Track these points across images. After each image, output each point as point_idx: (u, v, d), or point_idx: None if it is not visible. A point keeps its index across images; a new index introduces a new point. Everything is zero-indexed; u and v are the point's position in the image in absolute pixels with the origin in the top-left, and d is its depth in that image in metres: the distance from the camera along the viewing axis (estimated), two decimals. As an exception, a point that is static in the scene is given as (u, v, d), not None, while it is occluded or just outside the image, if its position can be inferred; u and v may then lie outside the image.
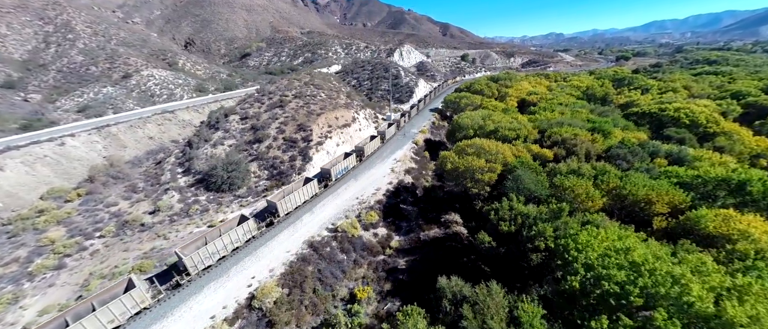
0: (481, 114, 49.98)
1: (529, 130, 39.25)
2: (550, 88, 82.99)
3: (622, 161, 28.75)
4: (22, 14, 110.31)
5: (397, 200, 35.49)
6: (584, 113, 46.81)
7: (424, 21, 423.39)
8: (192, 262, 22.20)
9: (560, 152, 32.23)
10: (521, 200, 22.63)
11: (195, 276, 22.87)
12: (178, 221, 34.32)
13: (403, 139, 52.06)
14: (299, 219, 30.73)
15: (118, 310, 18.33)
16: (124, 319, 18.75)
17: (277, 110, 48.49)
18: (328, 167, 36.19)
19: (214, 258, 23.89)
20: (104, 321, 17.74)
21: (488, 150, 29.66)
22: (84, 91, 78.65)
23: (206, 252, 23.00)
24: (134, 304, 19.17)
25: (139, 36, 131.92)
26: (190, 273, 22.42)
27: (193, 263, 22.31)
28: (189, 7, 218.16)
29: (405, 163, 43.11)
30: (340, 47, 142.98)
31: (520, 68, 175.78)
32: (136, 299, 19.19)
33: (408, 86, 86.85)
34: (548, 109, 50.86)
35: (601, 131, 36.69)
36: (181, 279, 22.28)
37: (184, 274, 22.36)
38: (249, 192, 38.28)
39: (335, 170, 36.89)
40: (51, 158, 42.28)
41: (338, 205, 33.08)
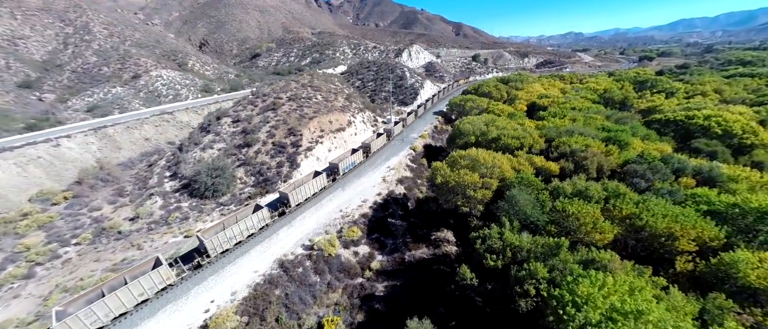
0: (484, 119, 46.18)
1: (534, 138, 35.30)
2: (564, 91, 77.41)
3: (640, 179, 24.60)
4: (46, 16, 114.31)
5: (385, 213, 32.53)
6: (599, 120, 42.17)
7: (437, 21, 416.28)
8: (212, 245, 24.02)
9: (568, 166, 28.28)
10: (515, 227, 19.23)
11: (214, 258, 24.61)
12: (156, 229, 32.76)
13: (401, 144, 48.93)
14: (275, 233, 28.34)
15: (148, 285, 20.18)
16: (152, 293, 20.58)
17: (270, 113, 46.49)
18: (337, 161, 37.17)
19: (232, 243, 25.61)
20: (135, 293, 19.62)
21: (483, 163, 26.20)
22: (94, 91, 79.90)
23: (224, 236, 24.78)
24: (161, 280, 20.95)
25: (153, 37, 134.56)
26: (210, 255, 24.21)
27: (213, 246, 24.14)
28: (205, 8, 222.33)
29: (399, 171, 40.05)
30: (347, 48, 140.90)
31: (534, 69, 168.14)
32: (162, 276, 20.97)
33: (413, 88, 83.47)
34: (559, 114, 46.40)
35: (617, 142, 32.34)
36: (202, 260, 24.16)
37: (205, 256, 24.23)
38: (233, 199, 36.34)
39: (343, 164, 37.81)
40: (44, 160, 41.92)
41: (320, 218, 30.49)
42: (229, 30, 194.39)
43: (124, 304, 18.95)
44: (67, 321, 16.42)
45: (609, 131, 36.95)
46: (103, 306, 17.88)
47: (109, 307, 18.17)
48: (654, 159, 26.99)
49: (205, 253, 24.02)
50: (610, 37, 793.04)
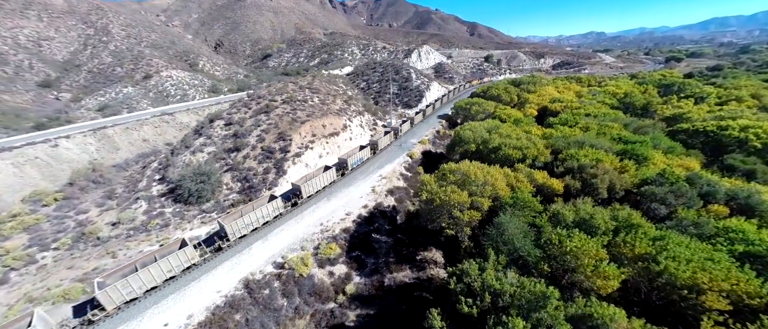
0: (487, 126, 42.61)
1: (539, 149, 31.58)
2: (580, 94, 71.97)
3: (659, 204, 20.74)
4: (70, 19, 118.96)
5: (370, 228, 29.87)
6: (615, 129, 37.69)
7: (451, 21, 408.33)
8: (232, 230, 25.66)
9: (574, 184, 24.60)
10: (502, 261, 16.12)
11: (233, 242, 26.22)
12: (135, 236, 31.54)
13: (398, 150, 46.10)
14: (248, 248, 26.29)
15: (175, 263, 22.08)
16: (179, 271, 22.52)
17: (262, 117, 44.83)
18: (346, 156, 37.46)
19: (249, 229, 27.19)
20: (164, 269, 21.47)
21: (474, 179, 23.02)
22: (107, 90, 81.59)
23: (242, 222, 26.37)
24: (186, 259, 22.78)
25: (169, 38, 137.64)
26: (230, 240, 25.82)
27: (232, 231, 25.77)
28: (222, 10, 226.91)
29: (391, 181, 37.24)
30: (356, 48, 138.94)
31: (550, 71, 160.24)
32: (188, 255, 22.85)
33: (418, 90, 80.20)
34: (570, 121, 42.12)
35: (635, 156, 28.21)
36: (223, 243, 25.68)
37: (225, 240, 25.81)
38: (216, 206, 34.73)
39: (352, 159, 37.94)
40: (41, 160, 42.01)
41: (297, 233, 28.19)
42: (244, 31, 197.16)
43: (154, 278, 21.04)
44: (108, 290, 18.71)
45: (626, 143, 32.65)
46: (137, 279, 20.08)
47: (142, 280, 20.32)
48: (677, 179, 22.92)
49: (226, 237, 25.80)
50: (635, 37, 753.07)
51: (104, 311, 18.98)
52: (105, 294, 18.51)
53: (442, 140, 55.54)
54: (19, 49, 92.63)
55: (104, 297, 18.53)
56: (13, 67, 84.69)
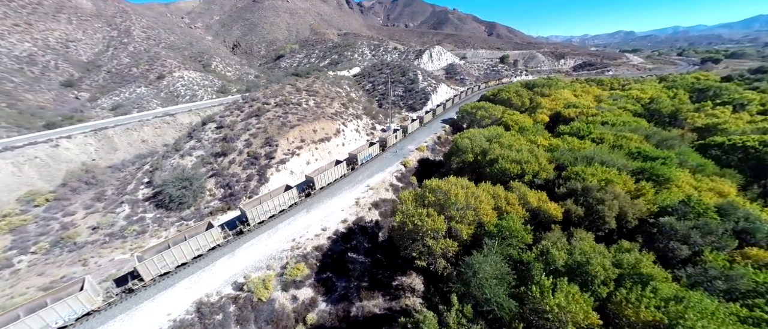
0: (487, 134, 38.82)
1: (541, 164, 27.67)
2: (600, 99, 65.87)
3: (679, 243, 16.70)
4: (96, 21, 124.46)
5: (347, 246, 27.24)
6: (634, 141, 32.85)
7: (469, 20, 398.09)
8: (252, 215, 27.48)
9: (576, 210, 20.75)
10: (467, 312, 12.99)
11: (254, 227, 28.06)
12: (111, 242, 30.63)
13: (393, 158, 43.18)
14: (211, 264, 24.40)
15: (202, 242, 24.47)
16: (205, 250, 24.87)
17: (253, 120, 43.31)
18: (355, 152, 38.99)
19: (267, 215, 28.80)
20: (193, 247, 24.04)
21: (455, 201, 19.80)
22: (122, 90, 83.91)
23: (262, 209, 28.13)
24: (212, 240, 25.03)
25: (187, 39, 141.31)
26: (250, 224, 27.55)
27: (253, 216, 27.57)
28: (241, 12, 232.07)
29: (378, 192, 34.44)
30: (367, 49, 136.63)
31: (570, 72, 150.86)
32: (213, 236, 25.07)
33: (423, 92, 76.65)
34: (581, 131, 37.50)
35: (654, 177, 23.82)
36: (244, 227, 27.57)
37: (246, 224, 27.57)
38: (195, 214, 33.32)
39: (361, 155, 39.41)
40: (41, 160, 42.55)
41: (266, 249, 25.99)
42: (260, 32, 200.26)
43: (184, 255, 23.47)
44: (146, 263, 21.53)
45: (645, 159, 28.05)
46: (170, 255, 22.66)
47: (175, 256, 22.89)
48: (706, 209, 18.61)
49: (246, 222, 27.37)
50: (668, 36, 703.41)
51: (142, 281, 21.80)
52: (143, 266, 21.42)
53: (443, 146, 51.96)
54: (47, 50, 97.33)
55: (143, 269, 21.42)
56: (40, 68, 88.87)
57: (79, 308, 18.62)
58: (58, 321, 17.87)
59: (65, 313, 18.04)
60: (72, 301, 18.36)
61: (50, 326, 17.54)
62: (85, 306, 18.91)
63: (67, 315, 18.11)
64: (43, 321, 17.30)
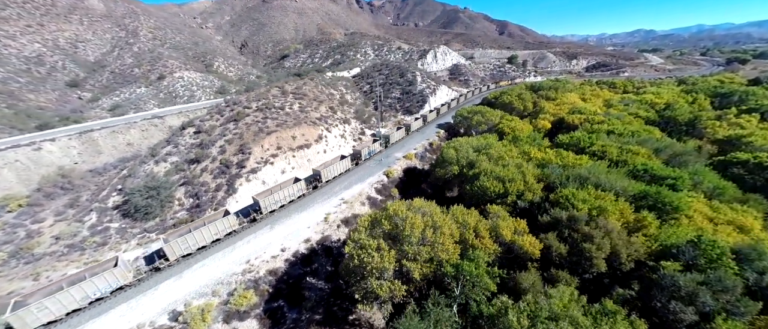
0: (476, 143, 35.24)
1: (528, 183, 24.06)
2: (610, 103, 60.65)
3: (683, 303, 13.03)
4: (106, 22, 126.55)
5: (306, 270, 24.52)
6: (641, 155, 28.59)
7: (480, 19, 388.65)
8: (265, 204, 28.71)
9: (558, 247, 17.26)
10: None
11: (266, 215, 29.30)
12: (69, 254, 28.99)
13: (376, 167, 40.17)
14: (154, 288, 22.17)
15: (220, 227, 25.84)
16: (223, 235, 26.20)
17: (231, 125, 41.21)
18: (359, 148, 40.34)
19: (277, 205, 29.85)
20: (213, 231, 25.36)
21: (410, 232, 16.68)
22: (122, 91, 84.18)
23: (273, 199, 29.26)
24: (229, 226, 26.47)
25: (193, 40, 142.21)
26: (263, 212, 28.82)
27: (265, 205, 28.78)
28: (251, 12, 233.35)
29: (352, 207, 31.56)
30: (370, 49, 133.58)
31: (582, 73, 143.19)
32: (230, 223, 26.44)
33: (421, 94, 73.08)
34: (581, 142, 33.40)
35: (659, 206, 19.93)
36: (257, 215, 28.86)
37: (259, 212, 28.83)
38: (159, 225, 31.36)
39: (365, 151, 40.35)
40: (21, 164, 41.84)
41: (217, 272, 23.52)
42: (268, 32, 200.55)
43: (204, 239, 24.96)
44: (171, 244, 23.28)
45: (652, 179, 24.01)
46: (192, 237, 24.30)
47: (196, 239, 24.51)
48: (721, 254, 14.80)
49: (259, 210, 28.66)
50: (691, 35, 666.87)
51: (167, 261, 23.56)
52: (169, 247, 23.22)
53: (434, 153, 48.50)
54: (56, 50, 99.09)
55: (168, 249, 23.25)
56: (47, 68, 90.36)
57: (114, 282, 21.05)
58: (96, 293, 20.40)
59: (102, 286, 20.57)
60: (108, 276, 20.83)
61: (90, 296, 20.14)
62: (119, 280, 21.30)
63: (103, 287, 20.63)
64: (84, 291, 19.86)
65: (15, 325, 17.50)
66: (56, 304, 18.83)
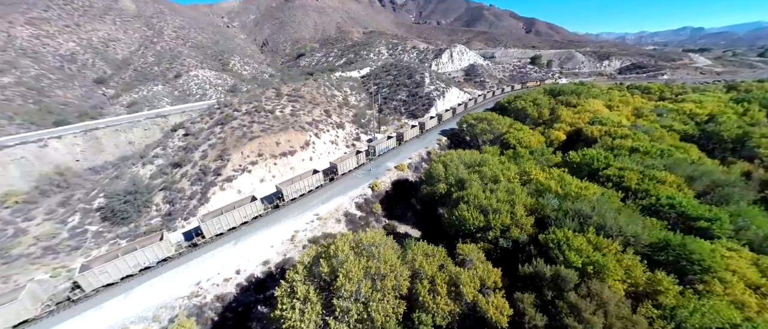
0: (469, 159, 31.03)
1: (517, 215, 19.84)
2: (640, 112, 53.06)
3: None
4: (136, 22, 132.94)
5: (258, 297, 22.03)
6: (668, 183, 23.11)
7: (506, 17, 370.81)
8: (287, 192, 30.48)
9: (534, 317, 13.22)
10: None
11: (288, 202, 30.90)
12: (43, 257, 28.71)
13: (363, 177, 37.04)
14: (98, 306, 20.62)
15: (249, 211, 27.80)
16: (250, 218, 28.11)
17: (217, 128, 39.87)
18: (374, 144, 41.27)
19: (298, 193, 31.52)
20: (242, 215, 27.22)
21: (343, 284, 13.44)
22: (141, 88, 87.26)
23: (295, 188, 31.02)
24: (256, 210, 28.45)
25: (214, 38, 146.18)
26: (285, 199, 30.51)
27: (288, 193, 30.54)
28: (273, 11, 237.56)
29: (325, 224, 28.73)
30: (384, 48, 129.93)
31: (613, 75, 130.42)
32: (256, 208, 28.39)
33: (428, 97, 68.71)
34: (595, 162, 28.18)
35: (683, 261, 15.14)
36: (280, 202, 30.56)
37: (281, 199, 30.49)
38: (131, 232, 30.43)
39: (379, 147, 41.58)
40: (27, 160, 43.20)
41: (164, 293, 21.61)
42: (288, 31, 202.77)
43: (235, 220, 26.87)
44: (207, 224, 25.34)
45: (677, 218, 18.90)
46: (226, 218, 26.26)
47: (229, 221, 26.46)
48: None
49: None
50: (747, 33, 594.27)
51: (204, 238, 25.51)
52: (205, 226, 25.14)
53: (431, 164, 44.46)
54: (89, 49, 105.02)
55: (204, 228, 25.16)
56: (78, 65, 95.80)
57: (160, 253, 23.25)
58: (145, 262, 22.68)
59: (150, 256, 22.80)
60: (155, 248, 22.98)
61: (140, 264, 22.52)
62: (163, 252, 23.51)
63: (151, 258, 22.87)
64: (136, 260, 22.21)
65: (82, 283, 20.53)
66: (114, 269, 21.45)
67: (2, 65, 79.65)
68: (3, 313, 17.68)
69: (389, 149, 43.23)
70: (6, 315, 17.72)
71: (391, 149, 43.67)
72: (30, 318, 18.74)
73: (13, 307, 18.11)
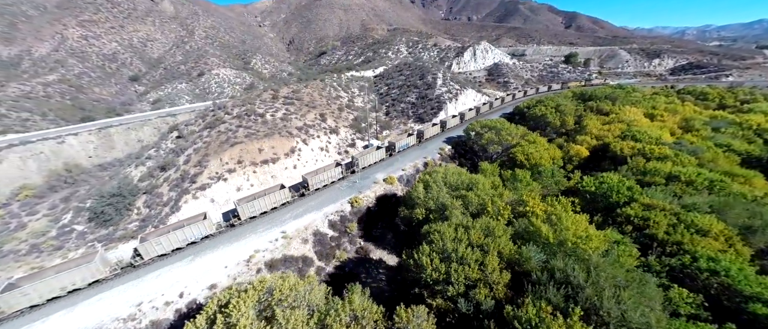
0: (455, 180, 26.45)
1: (486, 270, 15.37)
2: (690, 125, 43.71)
3: None
4: (173, 22, 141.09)
5: None
6: (711, 237, 17.06)
7: (543, 11, 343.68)
8: (312, 182, 32.20)
9: None
10: None
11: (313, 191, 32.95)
12: (27, 255, 29.37)
13: (344, 191, 33.82)
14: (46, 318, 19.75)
15: (278, 198, 30.03)
16: (279, 204, 30.33)
17: (205, 132, 38.94)
18: (394, 141, 42.42)
19: (322, 184, 33.47)
20: (270, 202, 29.42)
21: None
22: (166, 86, 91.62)
23: (319, 179, 32.89)
24: (284, 198, 30.52)
25: (241, 38, 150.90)
26: (310, 189, 32.36)
27: (313, 183, 32.30)
28: (302, 10, 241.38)
29: (289, 245, 26.02)
30: (404, 46, 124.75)
31: (664, 76, 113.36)
32: (284, 195, 30.51)
33: (438, 100, 63.44)
34: (613, 194, 22.29)
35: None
36: (306, 191, 32.33)
37: (306, 189, 32.29)
38: (108, 236, 30.20)
39: (399, 144, 42.59)
40: (45, 155, 45.96)
41: (105, 312, 20.20)
42: (313, 29, 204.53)
43: (266, 206, 28.87)
44: (243, 207, 27.53)
45: (721, 291, 13.28)
46: (256, 204, 28.12)
47: (259, 206, 28.37)
48: None
49: (307, 187, 32.08)
50: None
51: (239, 220, 27.66)
52: (241, 208, 27.40)
53: (427, 177, 39.95)
54: (129, 48, 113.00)
55: (241, 210, 27.43)
56: (118, 64, 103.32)
57: (204, 231, 25.62)
58: (191, 238, 25.13)
59: (196, 232, 25.27)
60: (200, 226, 25.39)
61: (188, 239, 25.00)
62: (207, 230, 25.86)
63: (197, 233, 25.36)
64: (184, 235, 24.72)
65: (141, 252, 23.27)
66: (166, 242, 23.98)
67: (53, 64, 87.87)
68: (80, 272, 21.23)
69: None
70: (83, 274, 21.36)
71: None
72: (100, 278, 22.13)
73: (90, 268, 21.71)
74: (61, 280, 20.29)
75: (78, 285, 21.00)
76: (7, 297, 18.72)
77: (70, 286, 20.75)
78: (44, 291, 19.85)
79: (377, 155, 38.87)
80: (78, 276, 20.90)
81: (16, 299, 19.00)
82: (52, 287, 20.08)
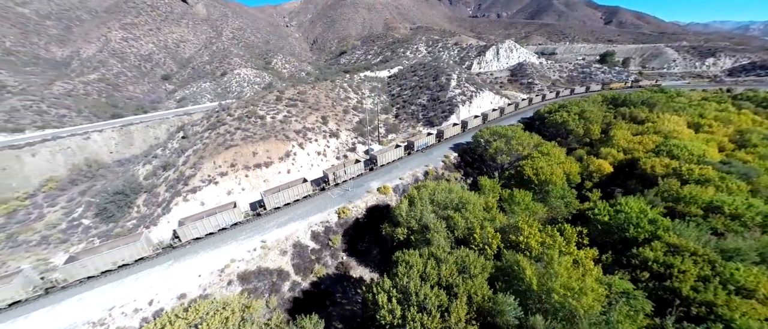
0: (443, 198, 23.70)
1: (451, 319, 12.88)
2: (744, 139, 36.73)
3: None
4: (204, 24, 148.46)
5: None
6: (758, 301, 13.05)
7: (580, 6, 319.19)
8: (333, 177, 33.58)
9: None
10: None
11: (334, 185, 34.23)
12: (37, 246, 31.16)
13: (334, 199, 32.21)
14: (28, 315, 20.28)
15: (301, 190, 31.53)
16: (301, 196, 31.78)
17: (206, 134, 39.27)
18: (413, 140, 42.93)
19: (344, 177, 34.74)
20: (295, 194, 31.07)
21: None
22: (192, 85, 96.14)
23: (343, 172, 34.25)
24: (305, 191, 31.82)
25: (265, 38, 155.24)
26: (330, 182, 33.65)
27: (333, 177, 33.63)
28: (327, 9, 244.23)
29: (266, 256, 24.93)
30: (423, 45, 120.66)
31: (719, 78, 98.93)
32: (307, 188, 31.95)
33: (450, 102, 59.78)
34: (629, 228, 18.43)
35: None
36: (326, 186, 33.77)
37: (327, 183, 33.69)
38: (106, 233, 31.20)
39: (418, 143, 43.01)
40: (71, 150, 49.36)
41: (77, 315, 20.33)
42: (337, 28, 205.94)
43: (291, 197, 30.55)
44: (268, 198, 29.19)
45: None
46: (282, 195, 29.88)
47: (285, 197, 30.10)
48: None
49: (327, 181, 33.41)
50: None
51: (265, 209, 29.52)
52: (267, 199, 29.09)
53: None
54: (164, 49, 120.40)
55: (267, 201, 29.13)
56: (152, 64, 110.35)
57: (234, 218, 27.41)
58: (222, 224, 26.92)
59: (227, 219, 27.16)
60: (230, 213, 27.15)
61: (220, 225, 26.85)
62: (236, 217, 27.68)
63: (228, 220, 27.22)
64: (216, 221, 26.54)
65: (179, 234, 25.21)
66: (200, 227, 25.93)
67: (96, 64, 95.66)
68: (128, 250, 23.28)
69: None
70: (130, 252, 23.41)
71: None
72: (145, 256, 24.18)
73: (136, 246, 23.60)
74: (112, 256, 22.79)
75: (126, 261, 23.23)
76: (69, 267, 21.44)
77: (120, 261, 23.01)
78: (100, 264, 22.40)
79: (396, 153, 38.53)
80: (127, 253, 23.12)
81: (77, 269, 21.66)
82: (105, 261, 22.60)
